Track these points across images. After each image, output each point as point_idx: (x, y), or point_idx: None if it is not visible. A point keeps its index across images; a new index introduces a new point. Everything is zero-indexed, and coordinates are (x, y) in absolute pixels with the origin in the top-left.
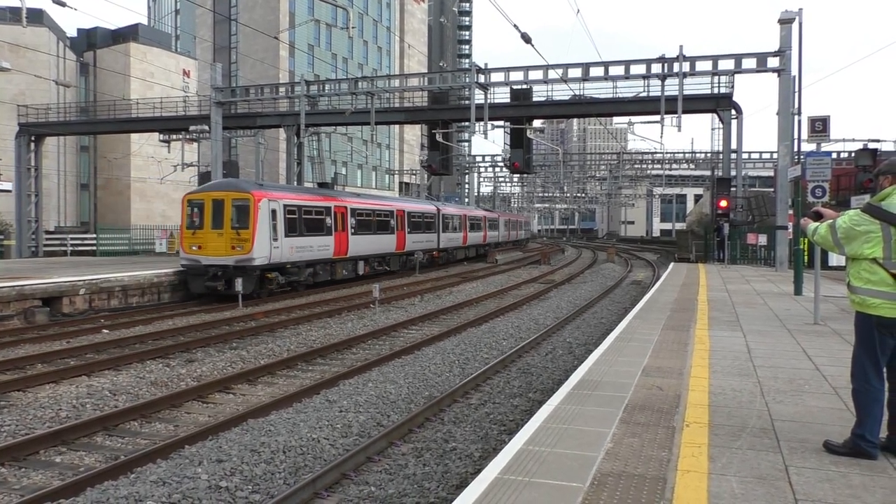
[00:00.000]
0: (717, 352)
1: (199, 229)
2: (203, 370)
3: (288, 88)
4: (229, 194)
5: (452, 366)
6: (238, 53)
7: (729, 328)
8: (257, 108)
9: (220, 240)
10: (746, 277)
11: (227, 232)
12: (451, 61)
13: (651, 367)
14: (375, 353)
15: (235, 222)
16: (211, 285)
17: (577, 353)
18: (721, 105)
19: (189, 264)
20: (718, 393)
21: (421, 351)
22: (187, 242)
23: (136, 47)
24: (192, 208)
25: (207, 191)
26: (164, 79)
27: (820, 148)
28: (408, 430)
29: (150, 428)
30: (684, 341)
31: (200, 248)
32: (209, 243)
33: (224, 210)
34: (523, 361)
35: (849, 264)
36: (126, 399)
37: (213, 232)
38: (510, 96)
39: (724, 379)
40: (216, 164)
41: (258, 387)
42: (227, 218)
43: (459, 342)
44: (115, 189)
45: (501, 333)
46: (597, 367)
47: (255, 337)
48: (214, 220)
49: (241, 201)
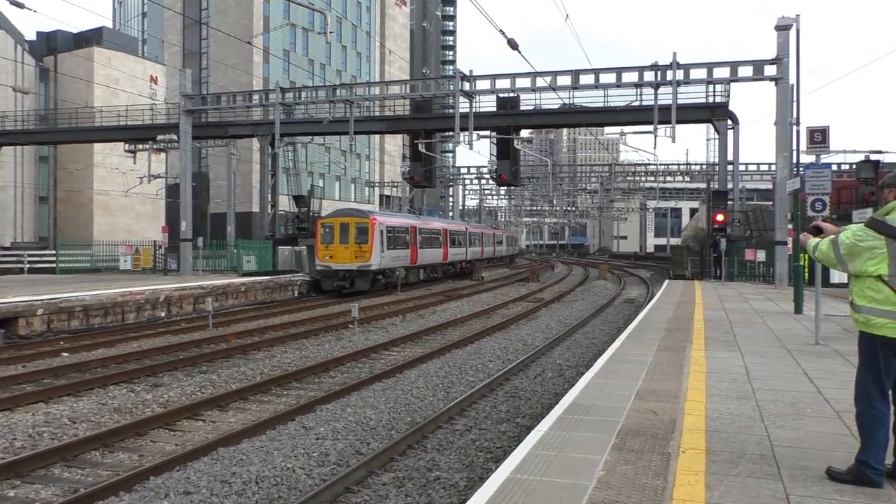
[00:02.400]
0: (714, 374)
1: (331, 244)
2: (170, 395)
3: (262, 96)
4: (353, 219)
5: (436, 389)
6: (209, 59)
7: (726, 349)
8: (229, 116)
9: (347, 252)
10: (744, 295)
11: (352, 246)
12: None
13: (645, 390)
14: (354, 376)
15: (357, 239)
16: (340, 284)
17: (568, 376)
18: (716, 114)
19: (323, 269)
20: (716, 417)
21: (403, 374)
22: (321, 254)
23: (99, 52)
24: (324, 229)
25: (335, 217)
26: (130, 85)
27: (819, 160)
28: (389, 459)
29: (112, 458)
30: (680, 363)
31: (331, 257)
32: (338, 254)
33: (350, 230)
34: (511, 385)
35: (852, 282)
36: (87, 427)
37: (341, 246)
38: (496, 105)
39: (721, 402)
40: (185, 176)
41: (229, 413)
42: (352, 236)
43: (443, 364)
44: (76, 202)
45: (488, 355)
46: (588, 391)
47: (227, 360)
48: (342, 238)
49: (362, 224)
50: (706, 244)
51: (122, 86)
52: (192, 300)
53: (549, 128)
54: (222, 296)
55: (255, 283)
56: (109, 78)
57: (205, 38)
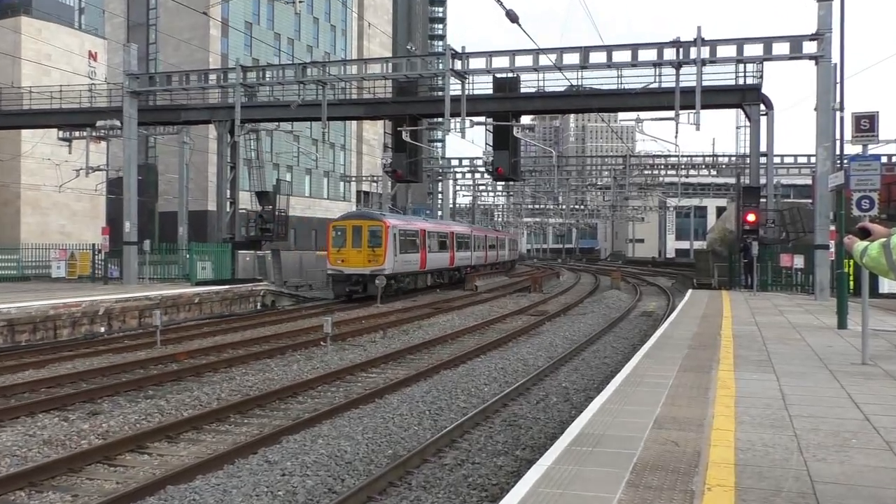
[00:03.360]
0: (744, 398)
1: (343, 248)
2: (111, 425)
3: (220, 75)
4: (366, 222)
5: (422, 417)
6: (158, 32)
7: (759, 369)
8: (182, 99)
9: (359, 256)
10: (780, 307)
11: (365, 250)
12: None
13: (665, 417)
14: (327, 401)
15: (371, 242)
16: (352, 289)
17: (576, 401)
18: (748, 98)
19: (334, 273)
20: (747, 449)
21: (383, 399)
22: (333, 258)
23: (28, 22)
24: (336, 232)
25: (348, 219)
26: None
27: (867, 151)
28: (367, 498)
29: (41, 499)
30: (705, 385)
31: (343, 261)
32: (350, 258)
33: (363, 234)
34: (509, 411)
35: None
36: (11, 463)
37: (353, 250)
38: (493, 87)
39: (753, 431)
40: (129, 169)
41: (180, 445)
42: (365, 239)
43: (431, 388)
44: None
45: (483, 377)
46: (599, 418)
47: (178, 382)
48: (355, 241)
49: (375, 227)
50: (735, 248)
51: (56, 63)
52: (138, 313)
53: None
54: (173, 308)
55: (211, 293)
56: (40, 53)
57: (153, 8)
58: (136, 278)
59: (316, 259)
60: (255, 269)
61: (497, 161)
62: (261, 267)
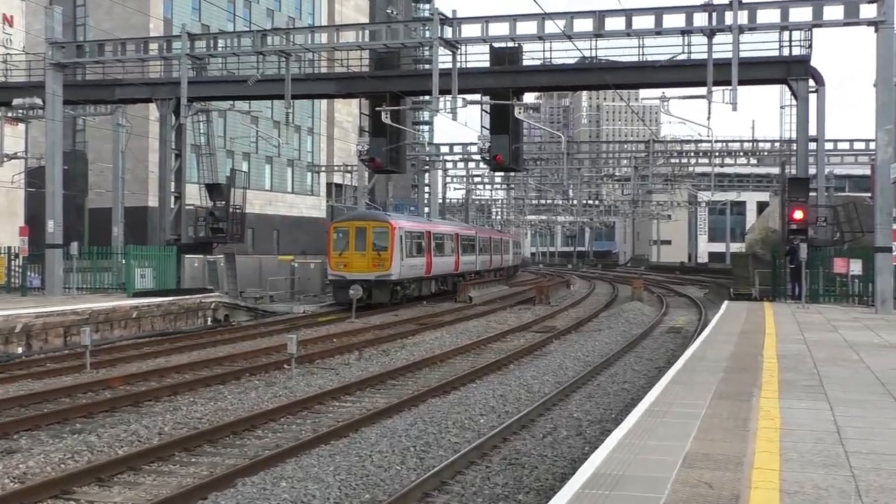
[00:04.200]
0: (791, 431)
1: (345, 251)
2: (29, 465)
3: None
4: (371, 223)
5: (406, 455)
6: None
7: (809, 397)
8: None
9: (363, 259)
10: (833, 322)
11: (370, 253)
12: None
13: (696, 454)
14: (292, 436)
15: (376, 245)
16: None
17: (589, 436)
18: (794, 72)
19: (336, 279)
20: (795, 492)
21: (359, 433)
22: (334, 262)
23: None
24: (337, 234)
25: (351, 220)
26: None
27: None
28: None
29: None
30: (744, 416)
31: (346, 266)
32: (354, 262)
33: (367, 235)
34: (510, 448)
35: None
36: None
37: (357, 253)
38: (490, 59)
39: (802, 471)
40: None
41: (114, 490)
42: (370, 242)
43: (416, 420)
44: None
45: (478, 406)
46: (617, 456)
47: (112, 414)
48: (358, 244)
49: (381, 228)
50: (780, 252)
51: None
52: (63, 331)
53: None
54: (105, 325)
55: (151, 306)
56: None
57: None
58: (62, 288)
59: (278, 265)
60: (205, 277)
61: (495, 148)
62: (212, 275)
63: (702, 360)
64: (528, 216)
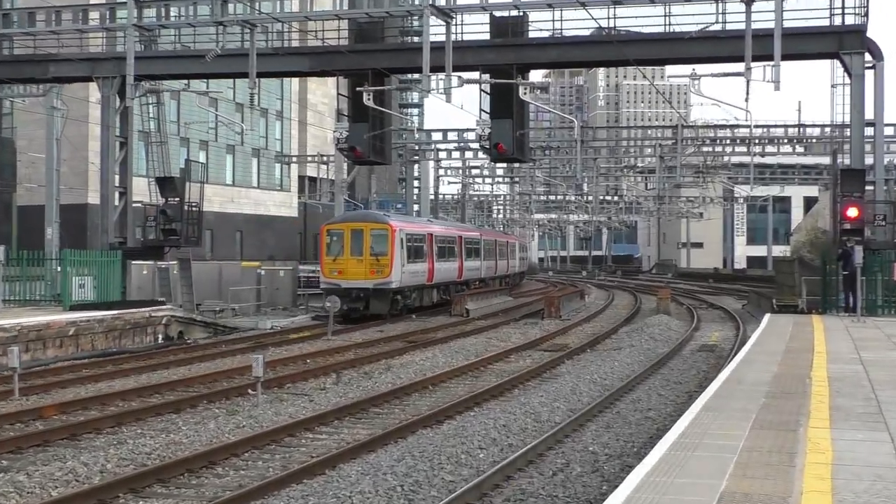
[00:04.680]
0: (845, 467)
1: (340, 256)
2: None
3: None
4: (368, 225)
5: (391, 496)
6: None
7: (865, 426)
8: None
9: (360, 266)
10: (895, 339)
11: (367, 258)
12: None
13: (733, 493)
14: (257, 474)
15: (374, 250)
16: (352, 307)
17: (608, 473)
18: (847, 45)
19: (330, 287)
20: None
21: (337, 470)
22: (328, 268)
23: None
24: (331, 237)
25: (346, 222)
26: None
27: None
28: None
29: None
30: (790, 449)
31: (340, 272)
32: (349, 269)
33: (364, 239)
34: (515, 487)
35: None
36: None
37: (353, 259)
38: (491, 30)
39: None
40: None
41: None
42: (367, 246)
43: (404, 454)
44: None
45: (477, 438)
46: (641, 496)
47: (44, 449)
48: (354, 248)
49: (379, 231)
50: (831, 256)
51: None
52: None
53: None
54: (37, 343)
55: (92, 321)
56: None
57: None
58: None
59: (242, 272)
60: (155, 287)
61: (496, 134)
62: (163, 284)
63: (739, 383)
64: (535, 215)
